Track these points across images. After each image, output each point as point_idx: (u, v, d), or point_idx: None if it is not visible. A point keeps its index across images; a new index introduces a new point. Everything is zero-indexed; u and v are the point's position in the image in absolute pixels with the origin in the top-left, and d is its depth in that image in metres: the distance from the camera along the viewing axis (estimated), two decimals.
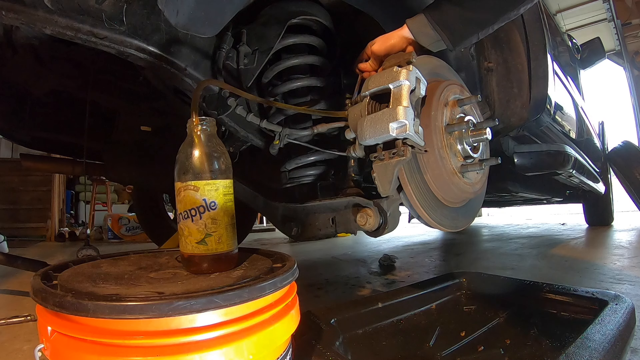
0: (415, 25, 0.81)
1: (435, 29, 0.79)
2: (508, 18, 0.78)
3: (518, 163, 1.44)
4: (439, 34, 0.79)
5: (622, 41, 5.94)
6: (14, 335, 1.08)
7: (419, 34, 0.81)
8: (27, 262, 1.37)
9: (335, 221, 0.92)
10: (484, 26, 0.79)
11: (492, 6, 0.77)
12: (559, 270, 1.84)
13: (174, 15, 0.68)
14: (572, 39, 2.97)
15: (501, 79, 1.19)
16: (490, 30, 0.80)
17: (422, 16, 0.80)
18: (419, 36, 0.81)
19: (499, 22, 0.79)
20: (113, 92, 1.42)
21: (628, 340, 0.78)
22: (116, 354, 0.43)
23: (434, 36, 0.80)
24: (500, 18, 0.77)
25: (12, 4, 0.57)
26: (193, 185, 0.56)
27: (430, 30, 0.79)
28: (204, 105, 0.91)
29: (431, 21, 0.78)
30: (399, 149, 0.70)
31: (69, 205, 5.30)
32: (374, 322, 0.93)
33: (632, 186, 3.08)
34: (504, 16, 0.77)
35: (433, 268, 2.03)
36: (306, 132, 0.94)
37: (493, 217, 5.87)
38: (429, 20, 0.79)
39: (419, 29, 0.81)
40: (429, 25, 0.79)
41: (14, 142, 1.65)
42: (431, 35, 0.80)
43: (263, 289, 0.50)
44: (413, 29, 0.81)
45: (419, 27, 0.81)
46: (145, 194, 2.51)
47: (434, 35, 0.79)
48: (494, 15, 0.77)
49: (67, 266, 0.62)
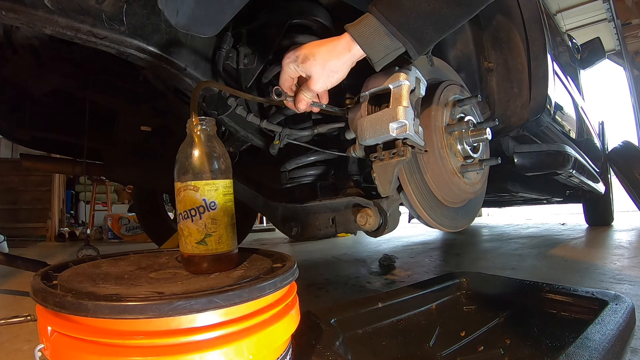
0: (364, 32, 0.58)
1: (394, 35, 0.57)
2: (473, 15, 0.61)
3: (518, 163, 1.44)
4: (401, 42, 0.58)
5: (622, 41, 5.94)
6: (14, 335, 1.08)
7: (369, 45, 0.58)
8: (27, 262, 1.37)
9: (335, 221, 0.92)
10: (456, 24, 0.60)
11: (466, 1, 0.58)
12: (559, 270, 1.84)
13: (174, 15, 0.68)
14: (572, 39, 2.97)
15: (501, 79, 1.19)
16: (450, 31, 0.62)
17: (370, 18, 0.58)
18: (370, 48, 0.59)
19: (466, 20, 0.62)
20: (113, 92, 1.42)
21: (628, 340, 0.77)
22: (116, 354, 0.43)
23: (390, 46, 0.58)
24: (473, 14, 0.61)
25: (12, 4, 0.57)
26: (193, 185, 0.56)
27: (386, 38, 0.58)
28: (203, 105, 0.91)
29: (388, 25, 0.57)
30: (399, 149, 0.70)
31: (69, 205, 5.30)
32: (374, 322, 0.93)
33: (632, 186, 3.07)
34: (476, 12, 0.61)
35: (433, 268, 2.03)
36: (306, 132, 0.94)
37: (493, 217, 5.87)
38: (384, 23, 0.57)
39: (369, 38, 0.58)
40: (385, 32, 0.57)
41: (14, 142, 1.65)
42: (387, 44, 0.58)
43: (263, 289, 0.50)
44: (359, 38, 0.59)
45: (369, 36, 0.58)
46: (145, 194, 2.51)
47: (391, 45, 0.58)
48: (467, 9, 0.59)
49: (67, 266, 0.62)
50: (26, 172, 4.50)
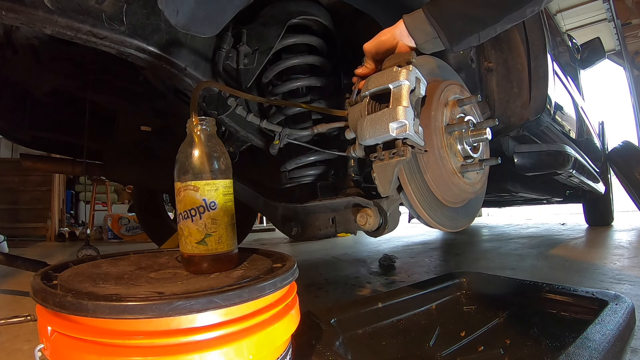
0: (412, 20, 0.76)
1: (432, 24, 0.74)
2: (511, 20, 0.74)
3: (518, 163, 1.44)
4: (436, 30, 0.74)
5: (622, 41, 5.94)
6: (14, 335, 1.08)
7: (415, 30, 0.76)
8: (27, 262, 1.37)
9: (335, 221, 0.92)
10: (485, 24, 0.74)
11: (494, 3, 0.72)
12: (559, 270, 1.84)
13: (174, 15, 0.68)
14: (572, 39, 2.97)
15: (501, 79, 1.19)
16: (492, 33, 0.76)
17: (420, 11, 0.76)
18: (415, 32, 0.76)
19: (502, 24, 0.75)
20: (113, 92, 1.42)
21: (628, 340, 0.78)
22: (116, 354, 0.43)
23: (430, 33, 0.75)
24: (503, 17, 0.73)
25: (12, 4, 0.57)
26: (193, 185, 0.56)
27: (427, 26, 0.75)
28: (203, 105, 0.91)
29: (429, 16, 0.74)
30: (399, 149, 0.70)
31: (69, 205, 5.30)
32: (374, 322, 0.93)
33: (632, 186, 3.08)
34: (507, 16, 0.73)
35: (433, 268, 2.04)
36: (306, 132, 0.94)
37: (493, 217, 5.87)
38: (427, 15, 0.74)
39: (416, 24, 0.76)
40: (427, 21, 0.74)
41: (14, 142, 1.65)
42: (428, 31, 0.75)
43: (263, 289, 0.50)
44: (409, 24, 0.76)
45: (416, 23, 0.76)
46: (145, 194, 2.51)
47: (431, 31, 0.75)
48: (496, 12, 0.73)
49: (67, 266, 0.62)
50: (26, 172, 4.49)
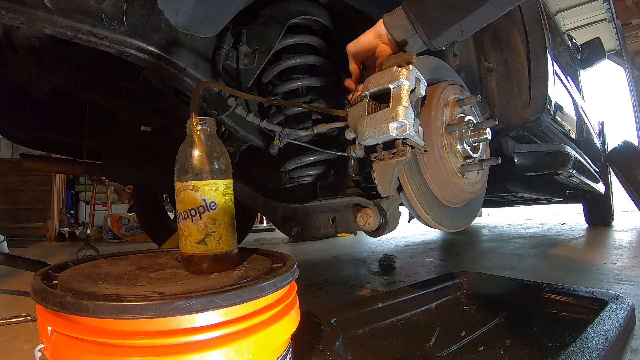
0: (391, 18, 0.74)
1: (410, 18, 0.71)
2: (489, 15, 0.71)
3: (518, 163, 1.44)
4: (413, 23, 0.71)
5: (622, 41, 5.94)
6: (14, 335, 1.08)
7: (393, 27, 0.73)
8: (27, 262, 1.37)
9: (335, 221, 0.92)
10: (463, 11, 0.70)
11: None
12: (559, 270, 1.84)
13: (174, 15, 0.68)
14: (572, 39, 2.97)
15: (501, 79, 1.19)
16: (473, 24, 0.72)
17: (399, 8, 0.73)
18: (393, 30, 0.73)
19: (482, 18, 0.71)
20: (113, 92, 1.42)
21: (628, 340, 0.77)
22: (116, 354, 0.43)
23: (408, 28, 0.72)
24: (481, 5, 0.69)
25: (12, 4, 0.57)
26: (193, 185, 0.56)
27: (405, 21, 0.71)
28: (203, 105, 0.91)
29: (406, 11, 0.71)
30: (399, 149, 0.70)
31: (69, 205, 5.31)
32: (374, 322, 0.93)
33: (632, 186, 3.07)
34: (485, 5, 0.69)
35: (433, 268, 2.03)
36: (306, 132, 0.94)
37: (493, 217, 5.87)
38: (405, 10, 0.71)
39: (394, 21, 0.73)
40: (404, 16, 0.71)
41: (14, 142, 1.65)
42: (406, 27, 0.72)
43: (263, 289, 0.50)
44: (388, 22, 0.74)
45: (394, 20, 0.73)
46: (145, 194, 2.51)
47: (409, 27, 0.72)
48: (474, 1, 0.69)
49: (67, 266, 0.62)
50: (26, 172, 4.49)
